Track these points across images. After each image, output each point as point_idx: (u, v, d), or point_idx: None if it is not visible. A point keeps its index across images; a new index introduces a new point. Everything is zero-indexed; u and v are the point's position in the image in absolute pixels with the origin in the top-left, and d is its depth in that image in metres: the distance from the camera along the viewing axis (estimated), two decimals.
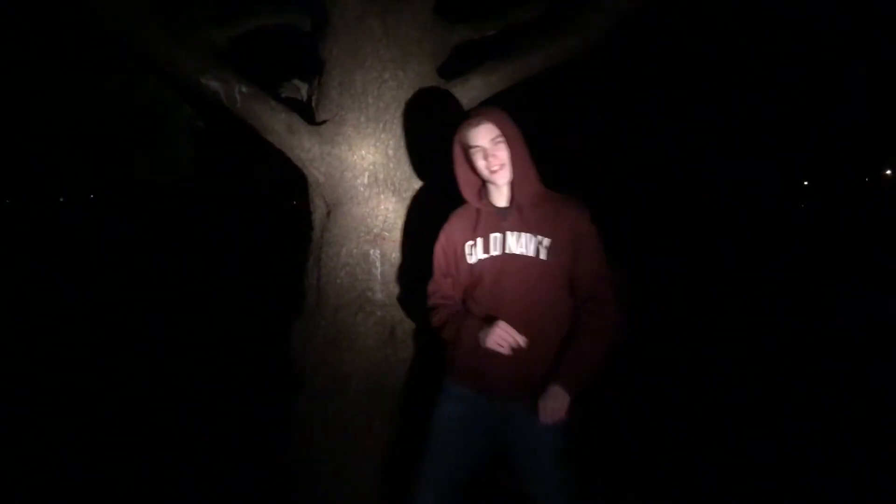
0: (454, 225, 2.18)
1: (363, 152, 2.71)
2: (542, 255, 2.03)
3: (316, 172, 2.74)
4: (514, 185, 2.09)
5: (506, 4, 3.08)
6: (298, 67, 3.08)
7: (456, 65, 3.01)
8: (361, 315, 2.73)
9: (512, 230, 2.07)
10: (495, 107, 2.15)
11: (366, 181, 2.73)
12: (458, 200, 2.24)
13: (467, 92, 2.78)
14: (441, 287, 2.22)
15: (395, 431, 2.74)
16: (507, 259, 2.05)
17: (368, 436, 2.75)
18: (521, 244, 2.05)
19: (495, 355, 2.01)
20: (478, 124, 2.04)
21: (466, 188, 2.16)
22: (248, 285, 8.82)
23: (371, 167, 2.72)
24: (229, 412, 4.14)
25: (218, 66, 2.54)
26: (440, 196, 2.43)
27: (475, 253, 2.11)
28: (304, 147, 2.69)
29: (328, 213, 2.81)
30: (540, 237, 2.04)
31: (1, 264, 12.17)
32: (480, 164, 2.06)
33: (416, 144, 2.74)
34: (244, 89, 2.55)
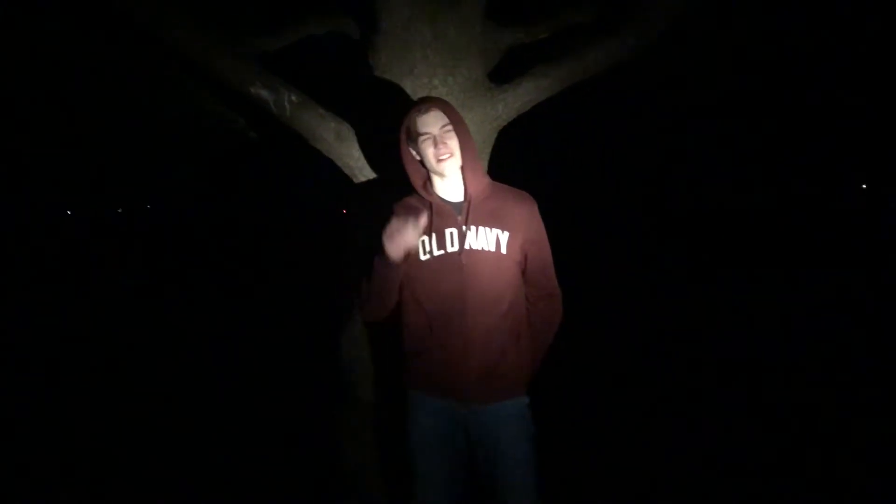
0: (402, 218, 1.92)
1: None
2: (503, 249, 1.98)
3: (364, 180, 2.71)
4: (465, 178, 2.02)
5: (557, 6, 3.00)
6: (349, 75, 3.06)
7: (508, 68, 2.94)
8: None
9: (469, 225, 1.98)
10: (439, 97, 2.11)
11: None
12: None
13: (519, 97, 2.71)
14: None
15: None
16: (467, 255, 1.97)
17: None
18: (480, 239, 1.97)
19: (463, 359, 1.95)
20: (427, 111, 1.97)
21: (415, 178, 2.07)
22: (302, 294, 8.88)
23: None
24: (282, 425, 4.14)
25: (267, 76, 2.53)
26: None
27: (428, 249, 1.99)
28: (354, 155, 2.66)
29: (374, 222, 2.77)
30: (497, 231, 1.98)
31: (46, 276, 12.54)
32: (429, 151, 1.96)
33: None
34: (294, 98, 2.54)
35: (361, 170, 2.68)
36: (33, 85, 3.82)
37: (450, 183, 2.03)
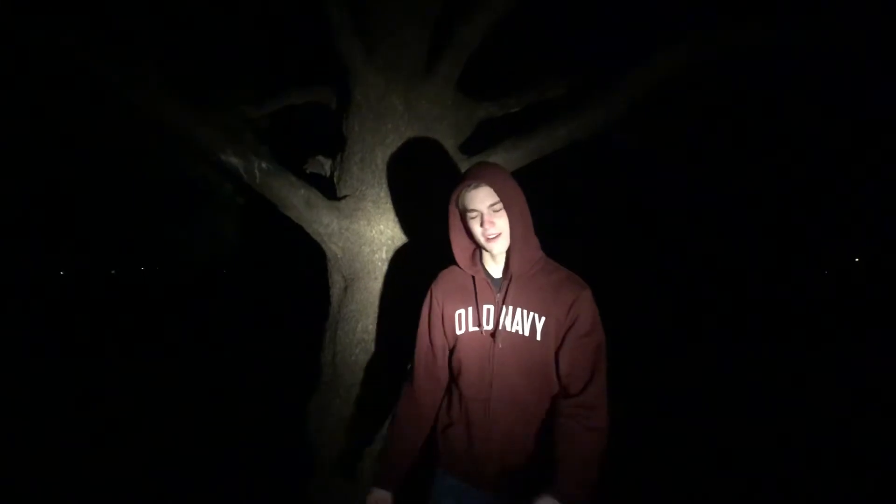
0: (444, 288, 1.96)
1: (381, 227, 2.69)
2: (538, 336, 1.84)
3: (334, 247, 2.72)
4: (510, 254, 1.89)
5: (530, 81, 3.09)
6: (324, 144, 3.12)
7: (481, 139, 3.00)
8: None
9: (506, 304, 1.88)
10: (496, 166, 1.98)
11: (384, 256, 2.69)
12: None
13: None
14: (424, 367, 2.00)
15: None
16: (500, 336, 1.86)
17: None
18: (516, 321, 1.86)
19: (484, 444, 1.87)
20: (476, 187, 1.85)
21: (460, 252, 1.96)
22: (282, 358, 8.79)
23: (389, 242, 2.69)
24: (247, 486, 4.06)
25: (237, 143, 2.57)
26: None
27: (464, 324, 1.92)
28: (323, 222, 2.68)
29: (345, 288, 2.77)
30: (535, 314, 1.85)
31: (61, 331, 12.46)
32: (477, 230, 1.87)
33: (436, 219, 2.70)
34: (264, 165, 2.57)
35: (331, 237, 2.70)
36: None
37: (500, 258, 1.93)
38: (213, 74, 3.29)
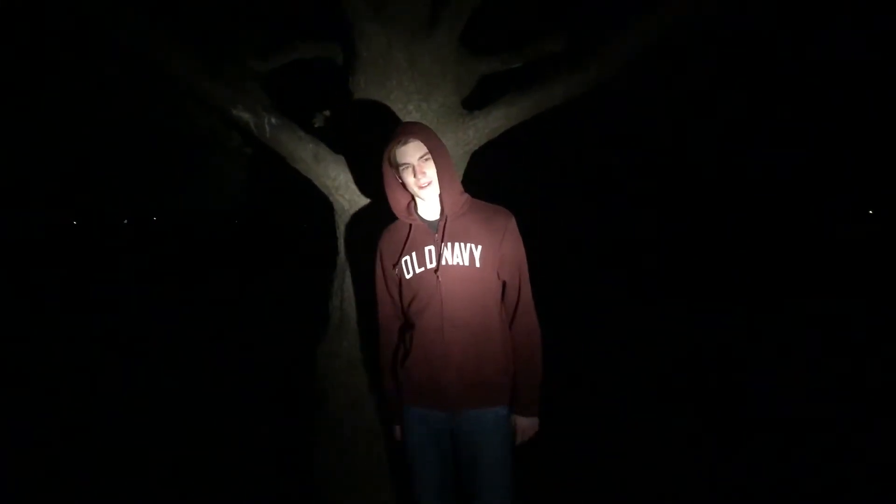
0: (387, 243, 2.23)
1: None
2: (477, 263, 2.09)
3: (341, 200, 2.84)
4: (443, 197, 2.14)
5: (532, 37, 3.14)
6: (333, 98, 3.21)
7: (482, 93, 3.08)
8: None
9: (444, 241, 2.11)
10: (421, 124, 2.22)
11: (388, 206, 2.81)
12: None
13: (489, 123, 2.84)
14: (387, 317, 2.27)
15: None
16: (444, 270, 2.09)
17: (385, 457, 2.81)
18: (455, 254, 2.10)
19: (442, 369, 2.10)
20: (405, 142, 2.10)
21: (396, 204, 2.22)
22: (293, 304, 9.01)
23: None
24: (256, 429, 4.26)
25: (248, 99, 2.67)
26: None
27: (411, 268, 2.15)
28: (331, 175, 2.80)
29: (352, 239, 2.90)
30: (471, 245, 2.10)
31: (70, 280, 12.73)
32: (409, 180, 2.12)
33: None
34: (273, 120, 2.68)
35: (338, 189, 2.82)
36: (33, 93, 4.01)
37: (430, 204, 2.18)
38: (221, 28, 3.35)
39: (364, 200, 2.82)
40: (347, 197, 2.83)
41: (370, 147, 2.83)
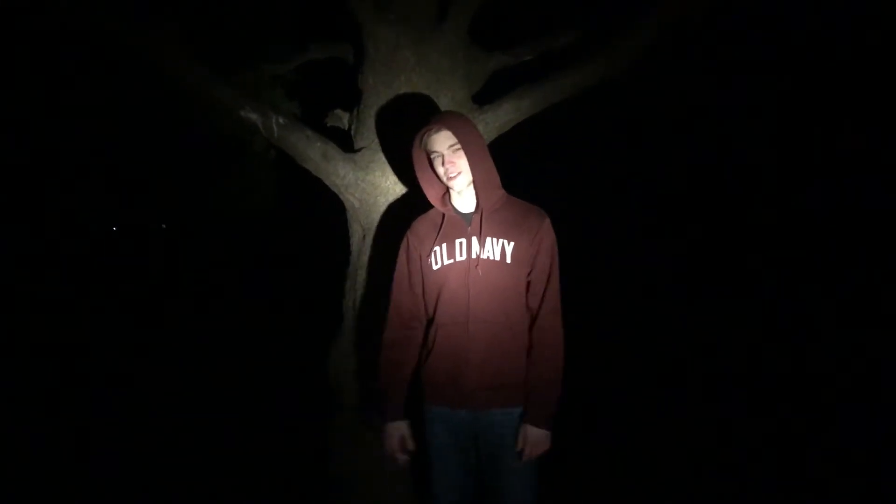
0: (418, 231, 2.19)
1: (396, 177, 2.79)
2: (508, 259, 2.05)
3: (351, 198, 2.84)
4: (477, 191, 2.11)
5: (542, 31, 3.10)
6: (343, 98, 3.22)
7: (494, 89, 3.05)
8: None
9: (477, 235, 2.08)
10: (456, 112, 2.18)
11: (399, 205, 2.80)
12: None
13: (499, 117, 2.81)
14: (399, 309, 2.20)
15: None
16: (474, 263, 2.06)
17: None
18: (486, 249, 2.06)
19: (463, 365, 2.05)
20: (437, 131, 2.07)
21: (431, 192, 2.19)
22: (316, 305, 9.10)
23: (404, 191, 2.80)
24: (277, 429, 4.31)
25: (255, 99, 2.69)
26: None
27: (440, 258, 2.11)
28: (340, 174, 2.80)
29: (364, 237, 2.90)
30: (504, 240, 2.06)
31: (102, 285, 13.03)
32: (440, 169, 2.09)
33: None
34: (281, 120, 2.69)
35: (348, 188, 2.82)
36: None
37: (465, 196, 2.14)
38: (232, 31, 3.39)
39: (374, 199, 2.82)
40: (357, 195, 2.83)
41: (380, 145, 2.84)
